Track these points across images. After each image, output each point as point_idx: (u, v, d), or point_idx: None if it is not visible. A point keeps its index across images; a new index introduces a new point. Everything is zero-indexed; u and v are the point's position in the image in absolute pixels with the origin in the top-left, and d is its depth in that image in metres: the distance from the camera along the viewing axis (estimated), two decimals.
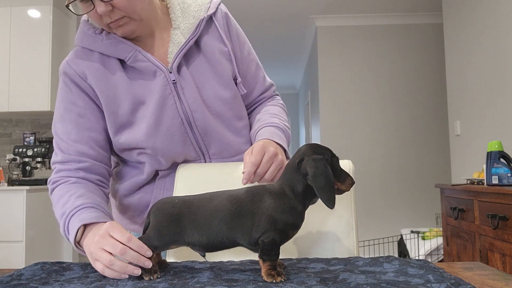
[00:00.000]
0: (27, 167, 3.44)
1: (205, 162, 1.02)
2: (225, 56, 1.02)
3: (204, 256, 0.74)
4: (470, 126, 3.22)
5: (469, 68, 3.22)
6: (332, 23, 4.66)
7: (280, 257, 0.68)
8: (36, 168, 3.45)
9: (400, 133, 4.55)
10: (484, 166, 2.26)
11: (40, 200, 3.27)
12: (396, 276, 0.66)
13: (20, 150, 3.39)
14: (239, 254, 0.84)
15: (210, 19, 1.02)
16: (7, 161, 3.54)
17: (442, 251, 3.07)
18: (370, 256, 0.82)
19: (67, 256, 3.59)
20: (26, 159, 3.42)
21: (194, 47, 0.99)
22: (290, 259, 0.82)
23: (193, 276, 0.68)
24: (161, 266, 0.75)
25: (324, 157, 0.68)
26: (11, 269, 0.78)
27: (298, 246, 0.97)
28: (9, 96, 3.41)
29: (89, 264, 0.78)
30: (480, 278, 0.68)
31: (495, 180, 2.16)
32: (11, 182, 3.42)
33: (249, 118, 1.11)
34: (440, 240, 3.18)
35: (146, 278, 0.67)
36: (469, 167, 3.21)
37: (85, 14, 0.92)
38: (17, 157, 3.43)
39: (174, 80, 0.95)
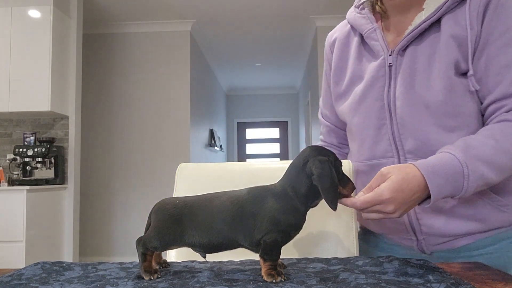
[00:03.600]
0: (27, 167, 3.44)
1: (399, 160, 0.90)
2: (456, 40, 0.86)
3: (204, 257, 0.74)
4: None
5: None
6: (332, 23, 4.66)
7: (280, 257, 0.69)
8: (37, 168, 3.45)
9: None
10: None
11: (40, 200, 3.27)
12: (396, 276, 0.66)
13: (21, 150, 3.39)
14: (239, 254, 0.85)
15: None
16: (7, 161, 3.54)
17: None
18: (370, 256, 0.82)
19: (67, 256, 3.59)
20: (27, 159, 3.42)
21: (431, 29, 0.89)
22: (290, 259, 0.82)
23: (193, 276, 0.68)
24: (161, 266, 0.75)
25: (329, 159, 0.69)
26: (11, 269, 0.78)
27: (298, 246, 0.98)
28: (9, 96, 3.41)
29: (89, 264, 0.78)
30: (480, 278, 0.68)
31: None
32: (12, 182, 3.42)
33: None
34: None
35: (146, 278, 0.67)
36: None
37: None
38: (18, 157, 3.43)
39: (390, 64, 0.92)
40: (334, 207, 0.66)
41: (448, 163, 0.76)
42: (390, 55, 0.92)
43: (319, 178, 0.66)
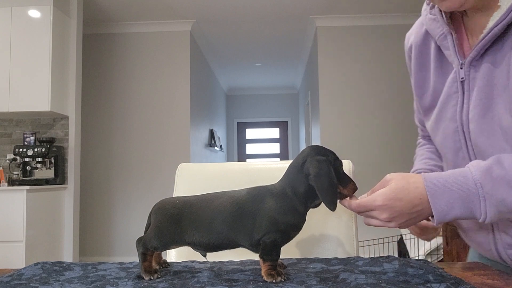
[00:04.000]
0: (27, 167, 3.44)
1: None
2: None
3: (205, 255, 0.74)
4: None
5: None
6: (332, 23, 4.66)
7: (280, 257, 0.68)
8: (37, 168, 3.45)
9: (400, 133, 4.55)
10: None
11: (40, 200, 3.27)
12: (396, 276, 0.66)
13: (21, 150, 3.39)
14: (239, 254, 0.84)
15: None
16: (7, 161, 3.54)
17: (442, 251, 3.07)
18: (370, 256, 0.82)
19: (67, 256, 3.59)
20: (27, 159, 3.41)
21: (509, 33, 0.71)
22: (290, 259, 0.82)
23: (193, 276, 0.68)
24: (161, 266, 0.75)
25: (327, 158, 0.68)
26: (11, 269, 0.78)
27: (299, 246, 0.98)
28: (9, 96, 3.40)
29: (89, 264, 0.78)
30: (480, 278, 0.68)
31: None
32: (12, 182, 3.42)
33: None
34: (440, 240, 3.18)
35: (146, 278, 0.67)
36: None
37: None
38: (18, 157, 3.43)
39: (462, 78, 0.77)
40: (332, 208, 0.66)
41: (460, 181, 0.66)
42: (461, 68, 0.76)
43: (316, 178, 0.66)
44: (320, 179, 0.66)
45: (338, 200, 0.71)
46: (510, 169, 0.64)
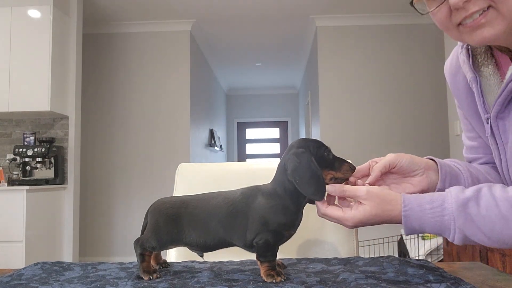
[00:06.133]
0: (27, 167, 3.44)
1: None
2: None
3: (202, 256, 0.74)
4: None
5: None
6: (332, 23, 4.66)
7: (280, 257, 0.68)
8: (36, 168, 3.45)
9: (400, 133, 4.55)
10: None
11: (40, 200, 3.27)
12: (396, 276, 0.66)
13: (20, 150, 3.38)
14: (239, 254, 0.84)
15: None
16: (7, 161, 3.54)
17: (442, 251, 3.06)
18: (370, 256, 0.82)
19: (67, 256, 3.59)
20: (26, 159, 3.41)
21: None
22: (290, 259, 0.82)
23: (193, 276, 0.68)
24: (161, 266, 0.75)
25: (307, 149, 0.67)
26: (11, 269, 0.78)
27: (298, 246, 0.97)
28: (9, 96, 3.40)
29: (89, 264, 0.78)
30: (480, 278, 0.68)
31: None
32: (11, 182, 3.42)
33: None
34: (440, 240, 3.18)
35: (146, 278, 0.67)
36: None
37: (432, 14, 0.68)
38: (17, 157, 3.43)
39: (488, 134, 0.73)
40: (318, 197, 0.65)
41: (437, 210, 0.64)
42: (487, 123, 0.71)
43: (293, 172, 0.65)
44: (298, 173, 0.64)
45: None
46: (483, 209, 0.62)
